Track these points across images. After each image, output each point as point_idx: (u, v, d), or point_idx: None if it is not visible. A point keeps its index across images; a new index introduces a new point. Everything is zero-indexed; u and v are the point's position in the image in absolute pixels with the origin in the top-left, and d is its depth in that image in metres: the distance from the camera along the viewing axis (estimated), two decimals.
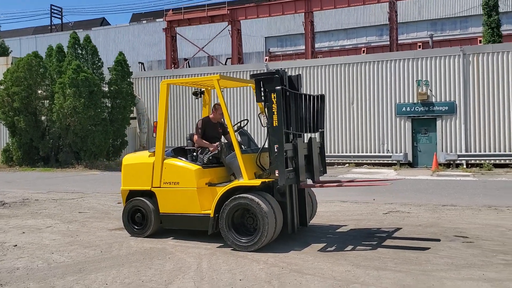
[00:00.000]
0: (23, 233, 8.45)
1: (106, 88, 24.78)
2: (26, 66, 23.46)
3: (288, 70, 22.61)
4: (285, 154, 6.83)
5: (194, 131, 8.14)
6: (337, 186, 7.88)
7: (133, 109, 25.92)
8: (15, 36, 56.19)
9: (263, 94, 7.06)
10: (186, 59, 41.18)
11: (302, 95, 7.29)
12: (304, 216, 7.55)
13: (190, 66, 40.68)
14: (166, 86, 7.79)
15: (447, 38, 38.98)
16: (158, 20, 48.61)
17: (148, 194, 7.87)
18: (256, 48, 45.73)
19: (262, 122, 8.05)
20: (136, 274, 5.83)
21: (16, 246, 7.44)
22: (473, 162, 20.98)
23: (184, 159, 7.69)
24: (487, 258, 6.17)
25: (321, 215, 9.29)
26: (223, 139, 8.25)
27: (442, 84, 21.51)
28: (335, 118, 22.93)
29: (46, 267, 6.23)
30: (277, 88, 6.80)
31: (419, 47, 34.55)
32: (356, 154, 22.71)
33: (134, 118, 26.54)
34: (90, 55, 24.37)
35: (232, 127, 7.35)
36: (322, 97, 7.83)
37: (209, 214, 7.16)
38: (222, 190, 7.05)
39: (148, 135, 26.80)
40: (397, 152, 22.07)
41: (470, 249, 6.63)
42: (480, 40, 31.91)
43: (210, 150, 7.69)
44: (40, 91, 24.52)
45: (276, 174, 6.84)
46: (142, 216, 7.89)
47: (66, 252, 7.01)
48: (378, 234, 7.75)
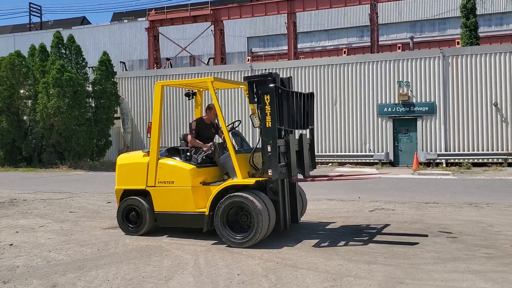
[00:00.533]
0: (17, 232, 8.53)
1: (90, 88, 24.71)
2: (8, 65, 23.30)
3: (272, 70, 22.91)
4: (278, 149, 7.09)
5: (187, 132, 8.33)
6: (327, 180, 8.18)
7: (117, 109, 25.89)
8: None
9: (256, 96, 7.29)
10: (168, 59, 41.13)
11: (294, 93, 7.56)
12: (295, 213, 7.81)
13: (172, 66, 40.66)
14: (161, 88, 7.97)
15: (426, 39, 39.73)
16: (140, 19, 48.43)
17: (142, 193, 8.04)
18: (238, 48, 45.93)
19: (254, 123, 8.30)
20: (135, 271, 6.00)
21: (12, 245, 7.53)
22: (452, 161, 21.55)
23: (178, 159, 7.88)
24: (471, 252, 6.51)
25: (309, 213, 9.55)
26: (217, 139, 8.46)
27: (423, 85, 22.04)
28: (319, 118, 23.27)
29: (46, 265, 6.36)
30: (270, 85, 7.04)
31: (399, 49, 35.20)
32: (339, 153, 23.11)
33: (118, 118, 26.50)
34: (74, 55, 24.30)
35: (226, 128, 7.57)
36: (312, 95, 8.11)
37: (203, 212, 7.37)
38: (217, 188, 7.26)
39: (132, 135, 26.79)
40: (379, 151, 22.54)
41: (455, 244, 6.97)
42: (458, 41, 32.69)
43: (204, 150, 7.90)
44: (22, 91, 24.36)
45: (269, 173, 7.08)
46: (137, 214, 8.06)
47: (63, 250, 7.13)
48: (366, 230, 8.06)
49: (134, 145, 26.63)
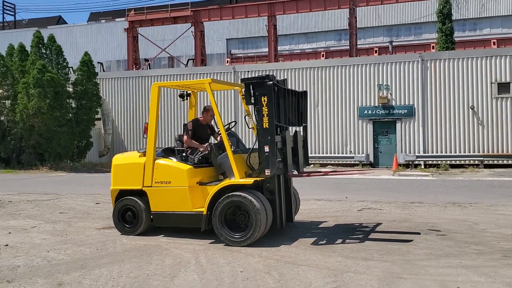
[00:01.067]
0: (10, 233, 8.49)
1: (70, 88, 24.46)
2: None
3: (254, 72, 23.13)
4: (275, 146, 7.26)
5: (183, 132, 8.44)
6: (323, 175, 8.41)
7: (98, 110, 25.68)
8: None
9: (253, 98, 7.44)
10: (147, 60, 40.94)
11: (289, 91, 7.76)
12: (290, 212, 7.99)
13: (151, 67, 40.49)
14: (158, 89, 8.07)
15: (402, 43, 40.57)
16: (118, 19, 48.06)
17: (138, 193, 8.10)
18: (217, 49, 45.97)
19: (248, 124, 8.47)
20: (139, 269, 6.09)
21: (7, 245, 7.50)
22: (430, 162, 22.09)
23: (175, 159, 7.98)
24: (461, 248, 6.79)
25: (300, 213, 9.70)
26: (212, 140, 8.58)
27: (402, 88, 22.56)
28: None
29: (47, 264, 6.39)
30: (268, 83, 7.21)
31: (376, 52, 35.88)
32: (320, 155, 23.46)
33: (99, 119, 26.28)
34: (54, 55, 24.01)
35: (223, 129, 7.70)
36: (305, 93, 8.34)
37: (200, 212, 7.49)
38: (215, 188, 7.39)
39: (112, 136, 26.60)
40: (359, 153, 22.95)
41: (445, 241, 7.25)
42: (433, 46, 33.48)
43: (200, 151, 8.01)
44: (1, 91, 23.95)
45: (266, 173, 7.25)
46: (133, 214, 8.11)
47: (62, 250, 7.15)
48: (359, 229, 8.30)
49: (114, 146, 26.46)
